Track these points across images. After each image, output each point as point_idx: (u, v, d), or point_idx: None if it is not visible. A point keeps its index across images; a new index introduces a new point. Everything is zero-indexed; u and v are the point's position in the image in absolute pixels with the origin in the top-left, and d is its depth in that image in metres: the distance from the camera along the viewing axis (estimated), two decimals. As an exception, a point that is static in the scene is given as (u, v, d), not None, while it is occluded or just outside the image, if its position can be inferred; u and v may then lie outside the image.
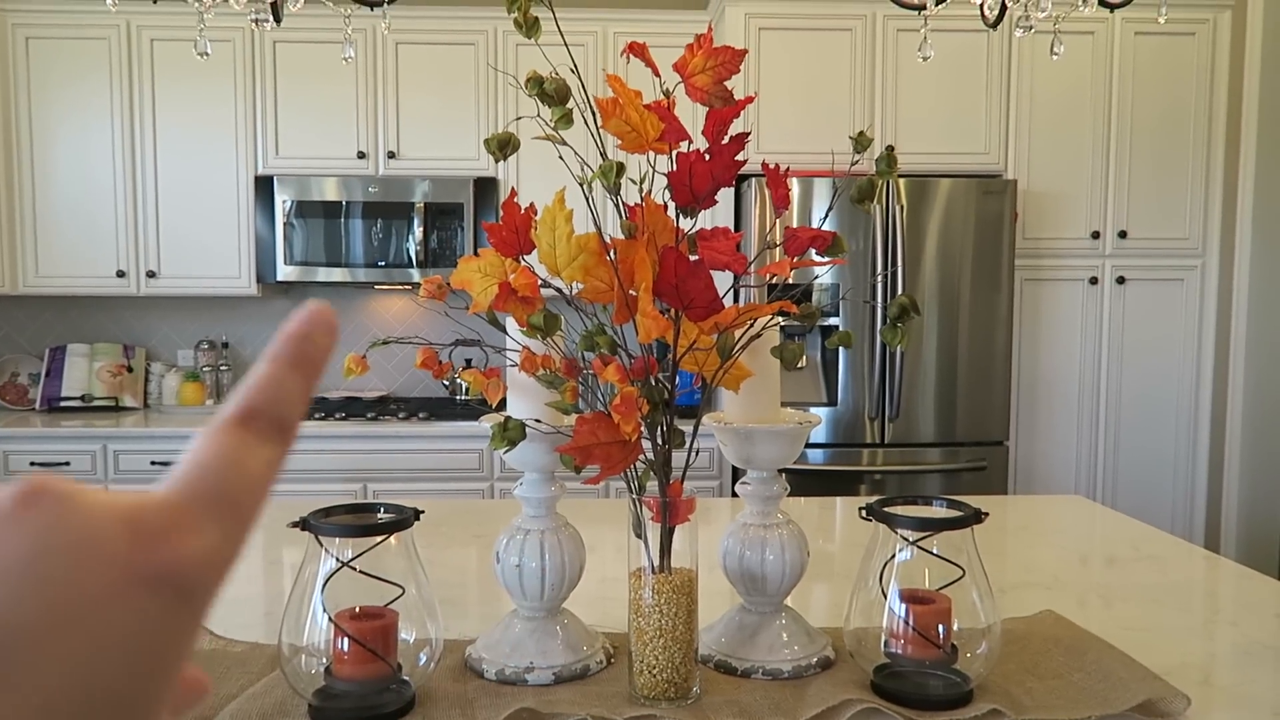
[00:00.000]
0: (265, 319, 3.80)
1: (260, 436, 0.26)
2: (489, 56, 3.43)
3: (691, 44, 0.96)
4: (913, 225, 3.17)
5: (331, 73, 3.40)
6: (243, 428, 0.25)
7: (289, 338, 0.27)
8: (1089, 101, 3.38)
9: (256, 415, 0.26)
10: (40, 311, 3.74)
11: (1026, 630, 1.17)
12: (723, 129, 0.96)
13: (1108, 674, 1.02)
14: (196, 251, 3.45)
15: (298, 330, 0.27)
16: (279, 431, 0.26)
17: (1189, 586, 1.47)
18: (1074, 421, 3.44)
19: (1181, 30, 3.37)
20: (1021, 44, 3.34)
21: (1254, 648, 1.19)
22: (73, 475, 3.19)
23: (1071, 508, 2.02)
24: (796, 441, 1.08)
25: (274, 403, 0.26)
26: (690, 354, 0.99)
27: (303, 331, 0.27)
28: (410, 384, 3.82)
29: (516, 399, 1.08)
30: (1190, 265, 3.45)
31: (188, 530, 0.23)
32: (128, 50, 3.39)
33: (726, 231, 0.96)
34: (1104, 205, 3.40)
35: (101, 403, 3.54)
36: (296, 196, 3.40)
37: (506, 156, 1.00)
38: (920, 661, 0.99)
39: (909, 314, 0.99)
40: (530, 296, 0.97)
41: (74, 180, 3.42)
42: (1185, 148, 3.42)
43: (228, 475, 0.25)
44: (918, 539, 1.00)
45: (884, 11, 3.29)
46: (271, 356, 0.27)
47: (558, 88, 0.97)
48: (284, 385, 0.27)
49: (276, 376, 0.26)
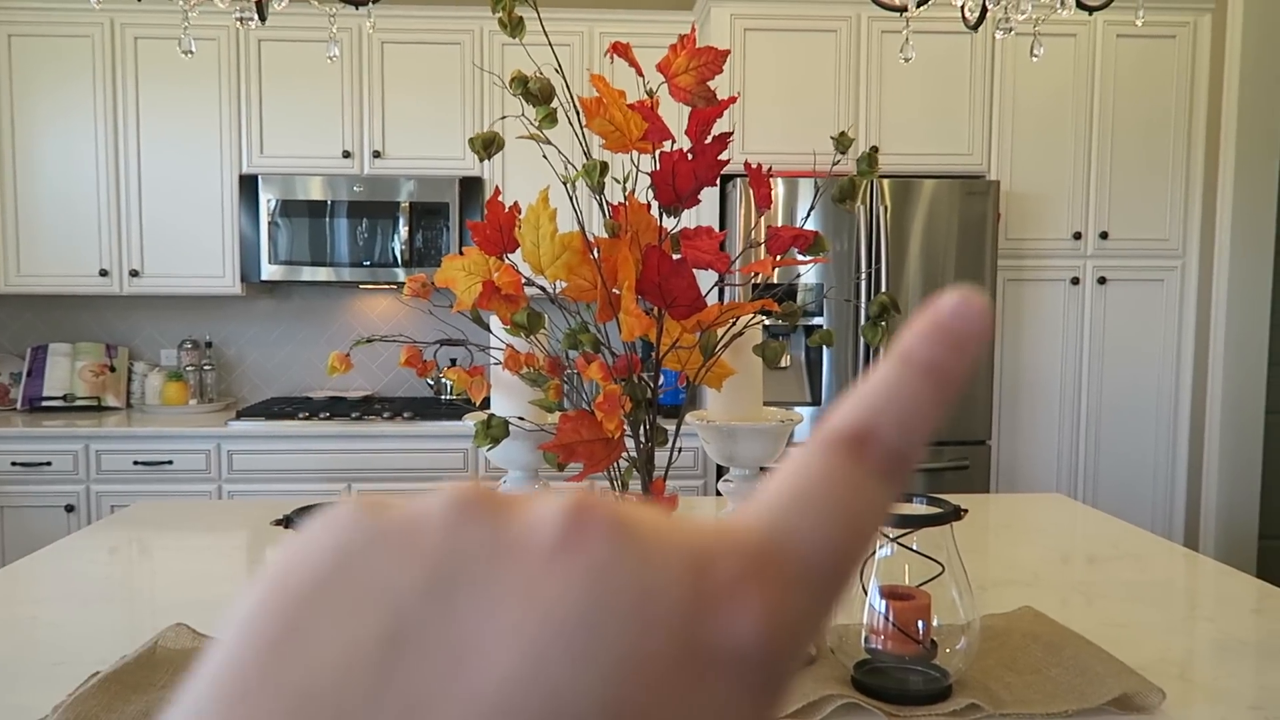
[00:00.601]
0: (249, 318, 3.78)
1: (876, 471, 0.19)
2: (474, 56, 3.43)
3: (675, 44, 0.97)
4: (896, 226, 3.18)
5: (317, 72, 3.39)
6: (856, 456, 0.19)
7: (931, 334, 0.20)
8: (1071, 103, 3.40)
9: (875, 440, 0.19)
10: (22, 310, 3.72)
11: (1006, 626, 1.18)
12: (706, 129, 0.96)
13: (1085, 669, 1.04)
14: (180, 250, 3.43)
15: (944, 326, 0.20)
16: (898, 468, 0.19)
17: (1168, 584, 1.49)
18: (1055, 421, 3.47)
19: (1162, 33, 3.40)
20: (1004, 46, 3.36)
21: (1230, 643, 1.21)
22: (54, 476, 3.17)
23: (1053, 506, 2.04)
24: (779, 439, 1.09)
25: (900, 426, 0.19)
26: (673, 352, 1.00)
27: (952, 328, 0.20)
28: (395, 384, 3.81)
29: (500, 397, 1.08)
30: (1170, 266, 3.48)
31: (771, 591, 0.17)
32: (111, 48, 3.37)
33: (710, 230, 0.97)
34: (1085, 206, 3.43)
35: (84, 402, 3.52)
36: (281, 195, 3.39)
37: (491, 156, 1.01)
38: (900, 657, 1.00)
39: (889, 312, 0.99)
40: (514, 294, 0.98)
41: (57, 178, 3.40)
42: (1166, 149, 3.45)
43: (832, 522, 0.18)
44: (898, 535, 1.01)
45: (869, 13, 3.30)
46: (903, 357, 0.20)
47: (542, 87, 0.97)
48: (916, 401, 0.20)
49: (908, 388, 0.20)
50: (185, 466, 3.20)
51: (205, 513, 1.90)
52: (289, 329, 3.79)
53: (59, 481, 3.19)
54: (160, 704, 0.95)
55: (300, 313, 3.79)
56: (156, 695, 0.97)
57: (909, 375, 0.20)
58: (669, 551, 0.17)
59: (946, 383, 0.20)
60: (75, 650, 1.16)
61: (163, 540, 1.70)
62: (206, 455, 3.21)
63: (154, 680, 1.01)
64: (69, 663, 1.11)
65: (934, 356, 0.20)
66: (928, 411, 0.20)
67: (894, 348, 0.20)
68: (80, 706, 0.93)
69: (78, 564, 1.53)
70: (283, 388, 3.80)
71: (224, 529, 1.77)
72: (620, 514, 0.17)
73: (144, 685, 0.99)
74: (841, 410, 0.20)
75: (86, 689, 0.96)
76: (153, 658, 1.06)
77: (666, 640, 0.16)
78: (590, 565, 0.16)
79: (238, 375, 3.79)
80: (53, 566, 1.52)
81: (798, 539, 0.18)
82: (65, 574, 1.48)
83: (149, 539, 1.71)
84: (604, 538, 0.17)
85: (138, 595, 1.40)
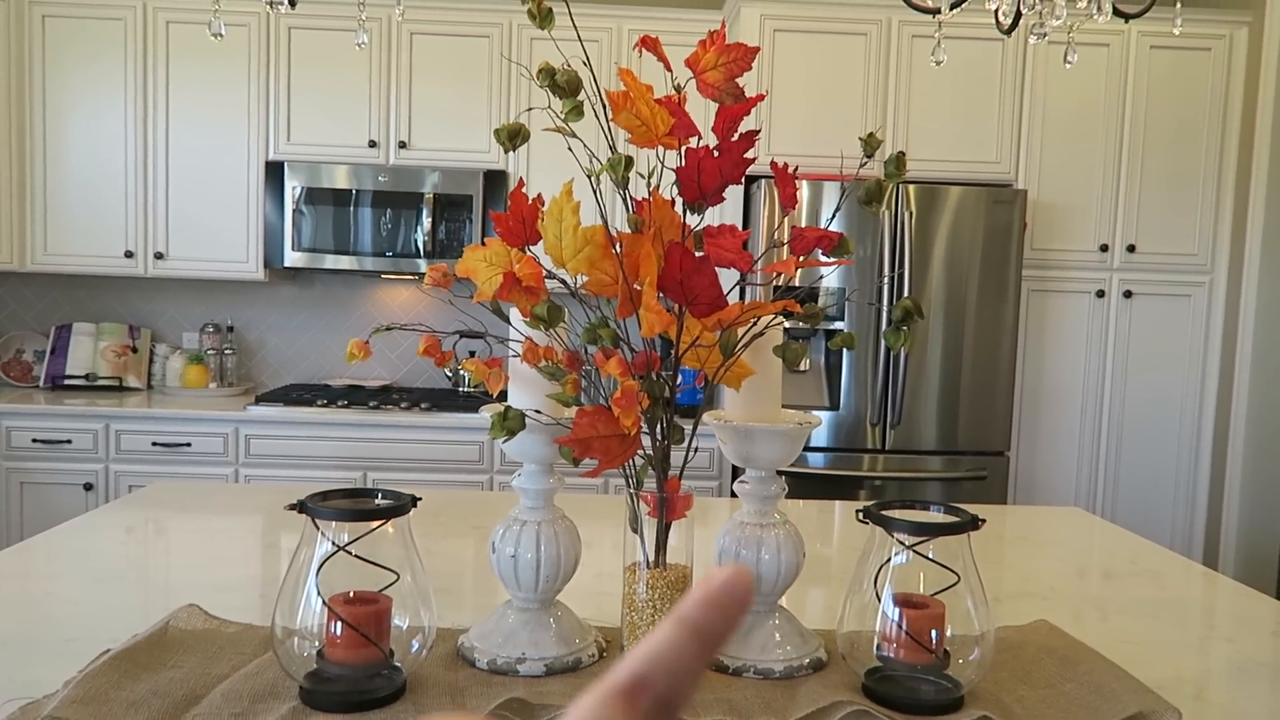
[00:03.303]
0: (271, 304, 3.80)
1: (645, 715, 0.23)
2: (503, 49, 3.43)
3: (704, 40, 0.96)
4: (921, 232, 3.16)
5: (345, 60, 3.40)
6: (629, 703, 0.23)
7: (702, 603, 0.25)
8: (1102, 114, 3.37)
9: (646, 689, 0.23)
10: (47, 289, 3.75)
11: (1020, 639, 1.17)
12: (733, 126, 0.96)
13: (1100, 685, 1.02)
14: (205, 234, 3.46)
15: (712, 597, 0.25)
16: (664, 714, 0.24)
17: (1186, 602, 1.47)
18: (1076, 434, 3.43)
19: (1197, 45, 3.36)
20: (1036, 54, 3.33)
21: (1249, 665, 1.19)
22: (74, 454, 3.20)
23: (1070, 520, 2.01)
24: (796, 441, 1.08)
25: (668, 678, 0.24)
26: (693, 350, 0.99)
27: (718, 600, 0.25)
28: (414, 374, 3.82)
29: (518, 390, 1.08)
30: (1198, 282, 3.44)
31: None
32: (143, 31, 3.40)
33: (733, 229, 0.96)
34: (1113, 218, 3.40)
35: (105, 382, 3.55)
36: (306, 183, 3.40)
37: (516, 147, 1.01)
38: (912, 666, 0.99)
39: (912, 317, 0.98)
40: (535, 287, 0.97)
41: (85, 159, 3.43)
42: (1197, 164, 3.41)
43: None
44: (914, 543, 1.00)
45: (899, 17, 3.28)
46: (678, 619, 0.24)
47: (569, 79, 0.97)
48: (682, 657, 0.24)
49: (677, 645, 0.24)
50: (203, 449, 3.22)
51: (221, 496, 1.91)
52: (310, 316, 3.81)
53: (79, 459, 3.21)
54: (170, 683, 0.95)
55: (322, 300, 3.81)
56: (166, 675, 0.97)
57: (681, 634, 0.24)
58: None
59: (711, 641, 0.24)
60: (88, 627, 1.16)
61: (178, 522, 1.71)
62: (224, 439, 3.23)
63: (164, 660, 1.01)
64: (82, 639, 1.11)
65: (702, 619, 0.24)
66: (693, 664, 0.24)
67: (673, 611, 0.25)
68: (91, 683, 0.93)
69: (94, 542, 1.54)
70: (302, 374, 3.82)
71: (239, 512, 1.78)
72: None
73: (154, 664, 1.00)
74: (624, 661, 0.24)
75: (97, 666, 0.97)
76: (164, 638, 1.07)
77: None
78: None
79: (258, 360, 3.82)
80: (69, 543, 1.53)
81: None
82: (81, 551, 1.49)
83: (165, 520, 1.72)
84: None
85: (152, 575, 1.41)
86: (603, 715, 0.23)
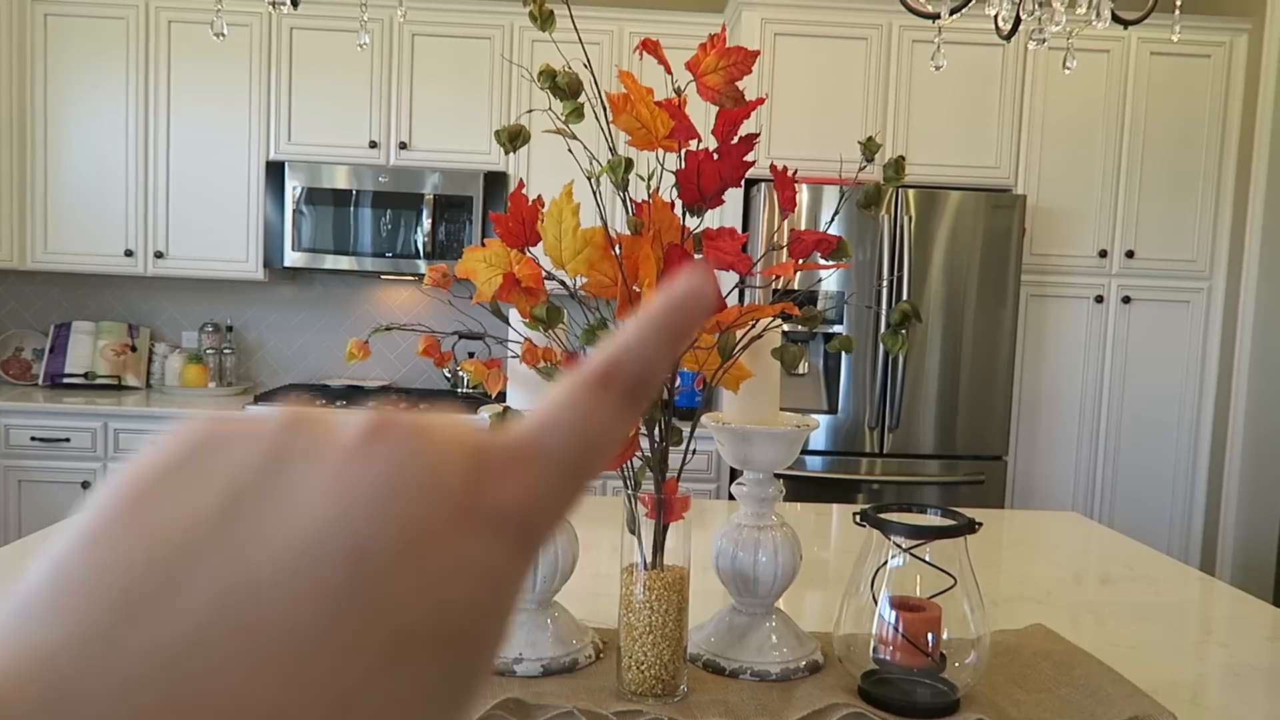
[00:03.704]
0: (271, 304, 3.80)
1: (616, 398, 0.25)
2: (504, 51, 3.43)
3: (705, 43, 0.97)
4: (920, 236, 3.17)
5: (346, 61, 3.41)
6: (601, 387, 0.25)
7: (667, 307, 0.26)
8: (1101, 120, 3.38)
9: (617, 376, 0.25)
10: (47, 288, 3.75)
11: (1016, 643, 1.17)
12: (733, 129, 0.96)
13: (1095, 689, 1.02)
14: (205, 234, 3.46)
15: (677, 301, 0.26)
16: (635, 397, 0.25)
17: (1182, 607, 1.47)
18: (1074, 439, 3.43)
19: (1197, 52, 3.37)
20: (1035, 59, 3.34)
21: (1244, 669, 1.19)
22: (72, 452, 3.20)
23: (1067, 524, 2.02)
24: (794, 444, 1.09)
25: (637, 363, 0.25)
26: (691, 352, 1.00)
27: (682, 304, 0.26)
28: (412, 375, 3.82)
29: (517, 390, 1.08)
30: (1197, 288, 3.45)
31: (529, 473, 0.23)
32: (145, 31, 3.40)
33: (732, 232, 0.96)
34: (1112, 224, 3.40)
35: (104, 381, 3.55)
36: (307, 183, 3.41)
37: (516, 148, 1.01)
38: (908, 669, 0.99)
39: (910, 320, 0.99)
40: (534, 288, 0.98)
41: (86, 158, 3.43)
42: (1196, 170, 3.41)
43: (576, 430, 0.24)
44: (910, 546, 1.00)
45: (900, 22, 3.29)
46: (644, 321, 0.26)
47: (570, 81, 0.97)
48: (650, 351, 0.25)
49: (645, 341, 0.25)
50: (201, 448, 3.22)
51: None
52: (310, 316, 3.81)
53: (77, 458, 3.21)
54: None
55: (321, 300, 3.81)
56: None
57: (646, 333, 0.25)
58: (454, 445, 0.22)
59: (675, 341, 0.26)
60: (85, 625, 1.16)
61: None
62: (223, 438, 3.22)
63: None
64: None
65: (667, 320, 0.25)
66: (660, 356, 0.25)
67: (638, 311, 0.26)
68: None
69: (91, 540, 1.54)
70: (301, 374, 3.82)
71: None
72: (415, 420, 0.22)
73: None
74: (593, 358, 0.25)
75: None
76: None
77: (447, 503, 0.21)
78: (390, 453, 0.21)
79: (257, 360, 3.82)
80: (66, 541, 1.53)
81: (553, 440, 0.24)
82: (78, 549, 1.49)
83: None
84: (403, 435, 0.22)
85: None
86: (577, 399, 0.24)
